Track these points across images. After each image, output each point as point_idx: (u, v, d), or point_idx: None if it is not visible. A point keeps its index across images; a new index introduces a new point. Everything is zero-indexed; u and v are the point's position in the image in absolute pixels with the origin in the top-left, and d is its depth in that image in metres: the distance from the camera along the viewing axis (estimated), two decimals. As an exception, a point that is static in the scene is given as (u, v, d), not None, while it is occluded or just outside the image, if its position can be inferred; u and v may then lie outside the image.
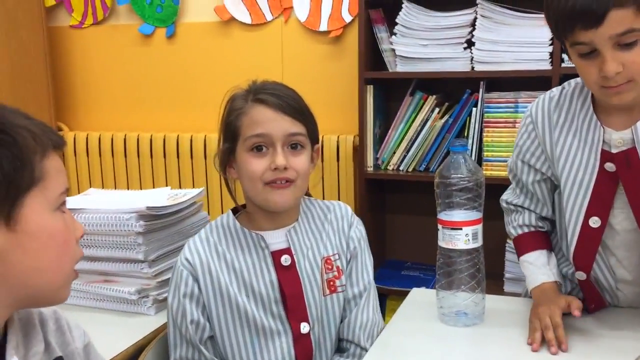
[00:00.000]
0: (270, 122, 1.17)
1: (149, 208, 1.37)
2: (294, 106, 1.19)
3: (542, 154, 1.28)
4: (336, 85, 2.63)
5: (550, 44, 2.14)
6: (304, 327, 1.22)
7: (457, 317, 1.27)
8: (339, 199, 2.61)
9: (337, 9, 2.63)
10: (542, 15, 2.20)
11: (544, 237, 1.35)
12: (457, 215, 1.23)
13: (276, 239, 1.24)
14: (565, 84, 1.28)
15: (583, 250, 1.24)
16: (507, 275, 2.31)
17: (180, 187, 2.01)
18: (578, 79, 1.23)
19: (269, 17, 2.75)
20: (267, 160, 1.17)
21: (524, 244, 1.35)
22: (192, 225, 1.52)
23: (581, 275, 1.26)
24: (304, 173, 1.20)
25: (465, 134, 2.31)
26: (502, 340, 1.21)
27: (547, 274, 1.28)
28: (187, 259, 1.21)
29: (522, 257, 1.34)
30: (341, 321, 1.28)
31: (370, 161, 2.42)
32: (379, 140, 2.47)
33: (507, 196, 1.40)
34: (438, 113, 2.33)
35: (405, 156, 2.39)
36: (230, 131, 1.21)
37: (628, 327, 1.23)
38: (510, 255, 2.28)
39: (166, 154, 2.85)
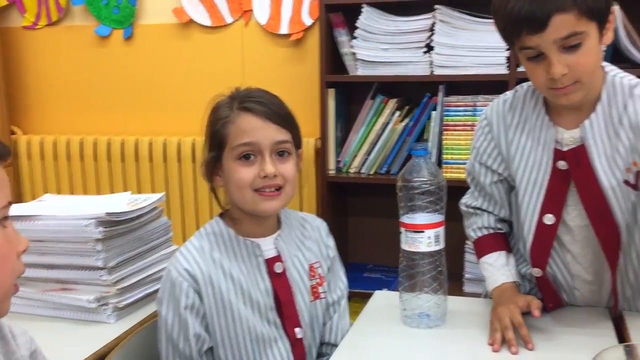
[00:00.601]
0: (257, 130, 1.17)
1: (108, 214, 1.34)
2: (280, 114, 1.20)
3: (499, 155, 1.31)
4: (297, 88, 2.63)
5: (507, 49, 2.18)
6: (299, 333, 1.24)
7: (419, 318, 1.28)
8: (300, 203, 2.61)
9: (297, 13, 2.63)
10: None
11: (502, 239, 1.38)
12: (420, 218, 1.25)
13: (266, 246, 1.24)
14: (518, 86, 1.32)
15: (539, 247, 1.27)
16: (466, 275, 2.35)
17: (139, 192, 1.97)
18: (530, 82, 1.27)
19: (228, 19, 2.73)
20: (255, 169, 1.18)
21: (484, 246, 1.38)
22: (152, 230, 1.49)
23: (537, 272, 1.29)
24: (292, 179, 1.21)
25: (425, 137, 2.34)
26: (464, 341, 1.23)
27: (506, 274, 1.31)
28: (186, 270, 1.18)
29: (481, 259, 1.37)
30: (323, 325, 1.31)
31: (332, 164, 2.43)
32: (341, 143, 2.48)
33: (466, 200, 1.42)
34: (398, 116, 2.36)
35: (366, 159, 2.41)
36: (217, 140, 1.20)
37: (586, 325, 1.26)
38: (469, 256, 2.32)
39: (124, 158, 2.80)
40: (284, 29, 2.66)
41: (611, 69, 1.22)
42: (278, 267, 1.23)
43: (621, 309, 1.31)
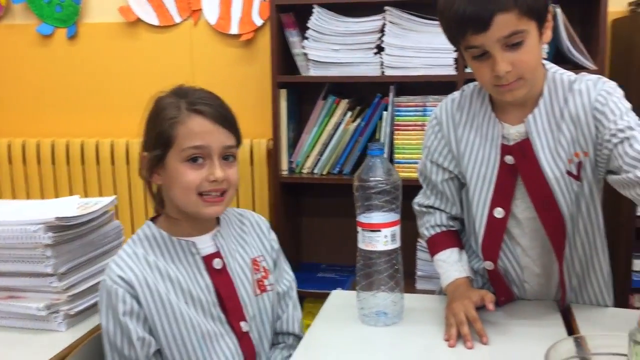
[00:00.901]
0: (209, 134, 1.17)
1: (58, 218, 1.30)
2: (228, 118, 1.21)
3: (449, 153, 1.35)
4: (248, 88, 2.62)
5: (455, 50, 2.22)
6: (244, 326, 1.24)
7: (377, 317, 1.30)
8: (253, 204, 2.60)
9: (247, 13, 2.62)
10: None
11: (455, 236, 1.41)
12: (376, 217, 1.26)
13: (204, 243, 1.25)
14: (465, 86, 1.36)
15: (490, 240, 1.32)
16: (419, 273, 2.39)
17: (85, 196, 1.92)
18: (476, 82, 1.32)
19: (177, 19, 2.70)
20: (203, 172, 1.18)
21: (437, 244, 1.41)
22: (104, 235, 1.45)
23: (489, 265, 1.33)
24: (235, 184, 1.23)
25: (377, 137, 2.37)
26: (421, 337, 1.25)
27: (459, 270, 1.35)
28: (120, 277, 1.17)
29: (435, 256, 1.40)
30: (278, 318, 1.33)
31: (284, 165, 2.43)
32: (293, 144, 2.48)
33: (418, 199, 1.46)
34: (350, 117, 2.38)
35: (319, 159, 2.42)
36: (163, 139, 1.18)
37: (536, 318, 1.31)
38: (421, 254, 2.36)
39: (69, 160, 2.72)
40: (234, 29, 2.65)
41: (551, 67, 1.28)
42: (217, 264, 1.24)
43: (569, 301, 1.36)
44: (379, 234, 1.26)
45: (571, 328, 1.27)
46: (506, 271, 1.36)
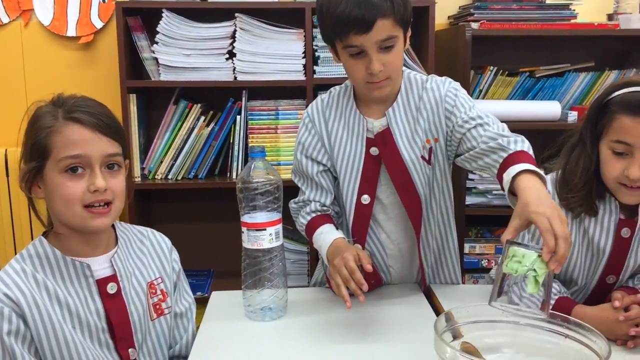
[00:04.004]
0: (87, 143, 1.11)
1: None
2: (110, 125, 1.14)
3: (322, 147, 1.46)
4: (91, 93, 2.42)
5: (303, 57, 2.35)
6: (132, 353, 1.20)
7: (263, 312, 1.35)
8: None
9: (85, 14, 2.51)
10: (295, 30, 2.40)
11: (330, 218, 1.46)
12: (260, 217, 1.31)
13: (100, 265, 1.18)
14: (331, 89, 1.50)
15: (358, 224, 1.45)
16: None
17: None
18: (342, 85, 1.48)
19: (4, 19, 2.51)
20: (84, 182, 1.11)
21: (314, 224, 1.44)
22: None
23: (358, 247, 1.43)
24: (121, 193, 1.16)
25: (231, 141, 2.41)
26: (305, 327, 1.33)
27: (336, 234, 1.39)
28: (5, 295, 1.09)
29: (314, 235, 1.42)
30: (176, 342, 1.30)
31: (137, 171, 2.37)
32: (144, 150, 2.43)
33: (294, 199, 1.51)
34: (204, 121, 2.39)
35: (173, 165, 2.39)
36: (39, 150, 1.11)
37: (404, 299, 1.46)
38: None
39: None
40: (71, 31, 2.52)
41: (405, 69, 1.46)
42: (111, 288, 1.18)
43: (429, 279, 1.53)
44: (264, 233, 1.31)
45: (434, 305, 1.44)
46: (373, 256, 1.49)
